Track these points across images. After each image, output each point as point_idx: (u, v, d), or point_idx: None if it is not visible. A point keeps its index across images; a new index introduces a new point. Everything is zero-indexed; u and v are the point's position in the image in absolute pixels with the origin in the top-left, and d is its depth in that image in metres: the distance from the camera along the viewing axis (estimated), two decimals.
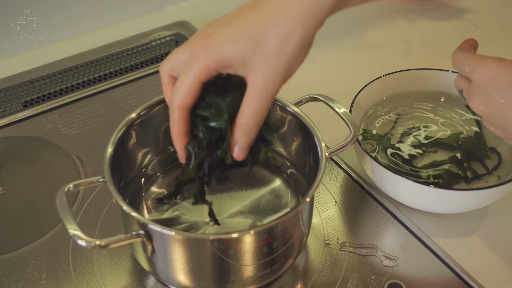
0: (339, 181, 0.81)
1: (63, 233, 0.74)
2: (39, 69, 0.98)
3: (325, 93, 0.75)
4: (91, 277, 0.70)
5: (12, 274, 0.70)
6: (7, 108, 0.91)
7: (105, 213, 0.76)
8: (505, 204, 0.78)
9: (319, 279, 0.70)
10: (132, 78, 0.96)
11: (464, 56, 0.66)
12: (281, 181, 0.75)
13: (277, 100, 0.73)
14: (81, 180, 0.68)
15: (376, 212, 0.77)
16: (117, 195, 0.62)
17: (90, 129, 0.88)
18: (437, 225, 0.76)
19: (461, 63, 0.66)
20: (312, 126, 0.70)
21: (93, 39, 1.05)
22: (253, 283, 0.66)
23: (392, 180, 0.73)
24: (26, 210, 0.77)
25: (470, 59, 0.65)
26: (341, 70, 1.01)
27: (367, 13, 1.12)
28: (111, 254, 0.72)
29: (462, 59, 0.66)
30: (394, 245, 0.73)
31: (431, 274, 0.70)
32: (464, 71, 0.66)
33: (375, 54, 1.04)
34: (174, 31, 1.05)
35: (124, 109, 0.91)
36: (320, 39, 1.08)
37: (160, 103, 0.72)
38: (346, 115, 0.72)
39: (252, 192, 0.74)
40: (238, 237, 0.61)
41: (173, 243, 0.61)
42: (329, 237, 0.74)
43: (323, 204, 0.78)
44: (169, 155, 0.76)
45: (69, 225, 0.60)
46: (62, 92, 0.94)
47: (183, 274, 0.64)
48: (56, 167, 0.82)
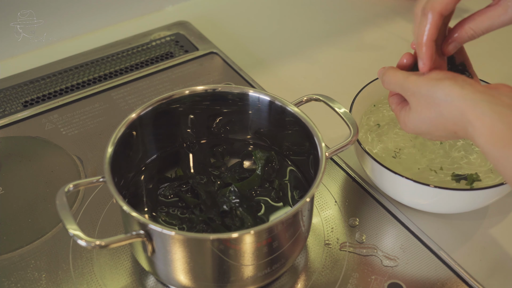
0: (339, 181, 0.81)
1: (63, 233, 0.74)
2: (39, 69, 0.98)
3: (325, 93, 0.75)
4: (91, 277, 0.70)
5: (12, 274, 0.70)
6: (7, 108, 0.91)
7: (105, 213, 0.76)
8: (505, 204, 0.79)
9: (319, 279, 0.70)
10: (132, 78, 0.96)
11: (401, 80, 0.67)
12: (281, 181, 0.75)
13: (277, 100, 0.73)
14: (81, 180, 0.68)
15: (376, 212, 0.77)
16: (117, 195, 0.62)
17: (90, 129, 0.88)
18: (437, 225, 0.76)
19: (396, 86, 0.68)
20: (312, 126, 0.70)
21: (93, 39, 1.05)
22: (253, 283, 0.66)
23: (392, 180, 0.73)
24: (26, 210, 0.77)
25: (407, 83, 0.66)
26: (341, 70, 1.01)
27: (367, 13, 1.12)
28: (111, 254, 0.72)
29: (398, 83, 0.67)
30: (394, 245, 0.73)
31: (431, 274, 0.71)
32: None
33: (375, 54, 1.04)
34: (174, 31, 1.05)
35: (124, 109, 0.91)
36: (320, 39, 1.08)
37: (160, 102, 0.73)
38: (346, 115, 0.72)
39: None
40: (238, 237, 0.61)
41: (173, 243, 0.61)
42: (329, 237, 0.74)
43: (323, 204, 0.78)
44: (169, 154, 0.77)
45: (69, 225, 0.60)
46: (62, 92, 0.94)
47: (183, 274, 0.64)
48: (56, 167, 0.82)
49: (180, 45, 1.03)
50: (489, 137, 0.58)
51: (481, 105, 0.59)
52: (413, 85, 0.65)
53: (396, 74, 0.68)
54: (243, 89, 0.75)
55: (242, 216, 0.69)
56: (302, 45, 1.06)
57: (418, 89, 0.64)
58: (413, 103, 0.66)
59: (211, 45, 1.02)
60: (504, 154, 0.57)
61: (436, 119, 0.63)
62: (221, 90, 0.75)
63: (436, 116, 0.63)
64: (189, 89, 0.74)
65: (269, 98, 0.74)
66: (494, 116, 0.58)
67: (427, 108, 0.64)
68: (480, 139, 0.59)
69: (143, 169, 0.75)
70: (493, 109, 0.58)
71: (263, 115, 0.76)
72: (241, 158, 0.78)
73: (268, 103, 0.74)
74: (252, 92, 0.75)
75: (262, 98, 0.74)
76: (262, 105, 0.75)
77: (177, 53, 1.01)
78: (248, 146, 0.78)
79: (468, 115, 0.60)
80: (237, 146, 0.79)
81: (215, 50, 1.01)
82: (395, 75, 0.68)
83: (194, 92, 0.75)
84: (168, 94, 0.74)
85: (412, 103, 0.66)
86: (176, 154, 0.77)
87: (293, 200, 0.73)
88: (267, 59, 1.03)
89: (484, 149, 0.59)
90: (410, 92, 0.65)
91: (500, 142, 0.58)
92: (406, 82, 0.66)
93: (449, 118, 0.62)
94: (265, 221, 0.70)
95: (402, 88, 0.66)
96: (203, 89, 0.75)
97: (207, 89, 0.75)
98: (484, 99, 0.59)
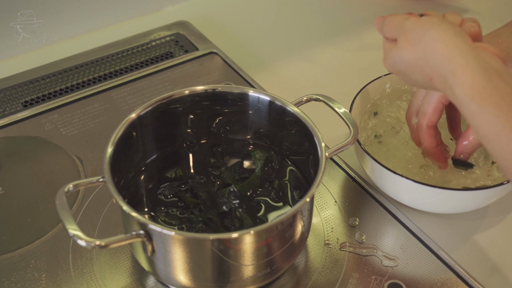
0: (339, 181, 0.81)
1: (63, 233, 0.74)
2: (39, 69, 0.98)
3: (325, 93, 0.75)
4: (91, 277, 0.70)
5: (12, 274, 0.70)
6: (7, 108, 0.91)
7: (105, 213, 0.76)
8: (505, 204, 0.79)
9: (319, 279, 0.70)
10: (132, 78, 0.96)
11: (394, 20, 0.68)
12: (281, 181, 0.75)
13: (277, 100, 0.73)
14: (81, 180, 0.68)
15: (376, 212, 0.77)
16: (117, 195, 0.62)
17: (90, 129, 0.88)
18: (437, 225, 0.76)
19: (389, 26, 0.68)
20: (312, 126, 0.70)
21: (93, 39, 1.05)
22: (253, 283, 0.66)
23: (392, 180, 0.73)
24: (26, 210, 0.77)
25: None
26: (341, 70, 1.01)
27: (367, 13, 1.12)
28: (111, 254, 0.72)
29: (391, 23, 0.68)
30: (394, 245, 0.73)
31: (431, 274, 0.71)
32: (391, 33, 0.68)
33: (375, 54, 1.03)
34: (174, 31, 1.05)
35: (124, 109, 0.91)
36: (320, 39, 1.08)
37: (160, 102, 0.73)
38: (346, 115, 0.72)
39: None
40: (238, 237, 0.61)
41: (173, 243, 0.61)
42: (329, 237, 0.74)
43: (323, 204, 0.78)
44: (169, 154, 0.77)
45: (69, 225, 0.60)
46: (62, 92, 0.94)
47: (183, 274, 0.64)
48: (56, 167, 0.82)
49: (180, 45, 1.03)
50: (468, 88, 0.59)
51: (468, 57, 0.60)
52: (411, 23, 0.65)
53: (397, 16, 0.68)
54: (243, 89, 0.75)
55: (242, 217, 0.69)
56: (302, 45, 1.06)
57: (413, 27, 0.65)
58: (401, 40, 0.66)
59: (211, 45, 1.02)
60: (481, 108, 0.58)
61: (417, 60, 0.64)
62: (221, 90, 0.75)
63: (418, 57, 0.64)
64: (189, 89, 0.74)
65: (269, 98, 0.74)
66: (477, 69, 0.59)
67: (412, 46, 0.64)
68: (458, 89, 0.59)
69: (143, 169, 0.75)
70: (478, 63, 0.59)
71: (263, 115, 0.76)
72: (241, 158, 0.78)
73: (268, 103, 0.74)
74: (252, 92, 0.75)
75: (262, 98, 0.74)
76: (262, 105, 0.75)
77: (177, 53, 1.01)
78: (248, 146, 0.78)
79: (453, 62, 0.60)
80: (237, 146, 0.79)
81: (215, 50, 1.01)
82: (396, 16, 0.68)
83: (194, 92, 0.75)
84: (168, 94, 0.74)
85: (401, 39, 0.66)
86: (176, 154, 0.77)
87: (293, 200, 0.73)
88: (267, 59, 1.03)
89: (460, 100, 0.59)
90: (403, 30, 0.65)
91: (479, 96, 0.58)
92: (405, 22, 0.66)
93: (430, 61, 0.62)
94: (264, 222, 0.70)
95: (398, 27, 0.67)
96: (203, 89, 0.75)
97: (207, 89, 0.75)
98: (472, 53, 0.60)
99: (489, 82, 0.58)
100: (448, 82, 0.61)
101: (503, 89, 0.58)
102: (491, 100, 0.58)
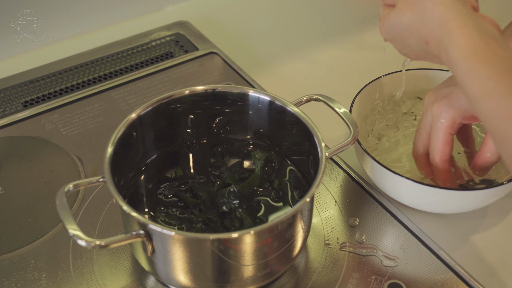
0: (339, 181, 0.81)
1: (63, 233, 0.74)
2: (39, 69, 0.98)
3: (325, 93, 0.75)
4: (91, 277, 0.70)
5: (12, 274, 0.70)
6: (7, 108, 0.91)
7: (105, 213, 0.76)
8: (505, 204, 0.79)
9: (319, 279, 0.70)
10: (132, 78, 0.96)
11: None
12: (281, 181, 0.75)
13: (277, 100, 0.73)
14: (81, 180, 0.68)
15: (376, 212, 0.77)
16: (117, 195, 0.62)
17: (90, 129, 0.88)
18: (437, 225, 0.76)
19: None
20: (312, 126, 0.70)
21: (93, 39, 1.05)
22: (253, 283, 0.66)
23: (392, 180, 0.73)
24: (26, 210, 0.77)
25: None
26: (341, 70, 1.01)
27: (367, 13, 1.12)
28: (111, 254, 0.72)
29: None
30: (394, 245, 0.73)
31: (431, 274, 0.71)
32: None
33: (375, 54, 1.04)
34: (174, 31, 1.05)
35: (124, 109, 0.91)
36: (320, 39, 1.08)
37: (160, 102, 0.73)
38: (346, 115, 0.72)
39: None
40: (238, 237, 0.61)
41: (173, 243, 0.61)
42: (329, 237, 0.74)
43: (323, 204, 0.78)
44: (169, 154, 0.77)
45: (69, 225, 0.60)
46: (62, 92, 0.94)
47: (183, 274, 0.64)
48: (56, 167, 0.82)
49: (180, 45, 1.03)
50: (464, 48, 0.59)
51: (466, 19, 0.60)
52: None
53: None
54: (243, 89, 0.75)
55: (242, 217, 0.69)
56: (302, 45, 1.06)
57: None
58: (400, 3, 0.66)
59: (211, 45, 1.02)
60: (475, 67, 0.58)
61: (414, 23, 0.64)
62: (221, 90, 0.75)
63: (415, 19, 0.64)
64: (189, 89, 0.74)
65: (269, 98, 0.74)
66: (474, 31, 0.59)
67: (411, 9, 0.64)
68: (454, 49, 0.60)
69: (143, 169, 0.75)
70: (475, 26, 0.60)
71: (263, 115, 0.76)
72: (241, 158, 0.78)
73: (268, 103, 0.74)
74: (252, 92, 0.75)
75: (262, 98, 0.74)
76: (262, 105, 0.75)
77: (177, 53, 1.01)
78: (248, 146, 0.78)
79: (451, 23, 0.60)
80: (237, 146, 0.79)
81: (215, 50, 1.01)
82: None
83: (194, 92, 0.75)
84: (168, 94, 0.74)
85: (400, 2, 0.66)
86: (176, 154, 0.77)
87: (293, 200, 0.73)
88: (267, 59, 1.03)
89: (455, 60, 0.60)
90: None
91: (474, 56, 0.58)
92: None
93: (427, 24, 0.62)
94: (264, 222, 0.70)
95: None
96: (203, 89, 0.75)
97: (207, 89, 0.75)
98: (471, 16, 0.60)
99: (486, 44, 0.58)
100: (444, 43, 0.61)
101: (498, 53, 0.58)
102: (485, 61, 0.58)
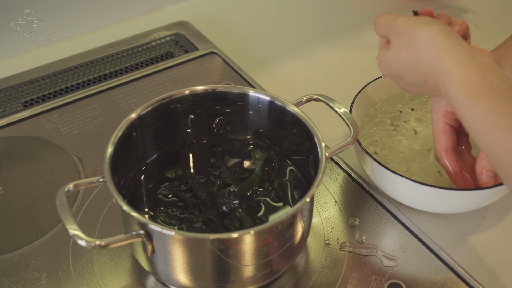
0: (339, 181, 0.81)
1: (63, 233, 0.74)
2: (39, 69, 0.98)
3: (325, 93, 0.75)
4: (91, 277, 0.70)
5: (12, 274, 0.70)
6: (7, 108, 0.91)
7: (105, 213, 0.76)
8: (505, 204, 0.79)
9: (319, 279, 0.70)
10: (132, 78, 0.96)
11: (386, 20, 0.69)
12: (281, 181, 0.75)
13: (277, 100, 0.73)
14: (81, 180, 0.68)
15: (376, 212, 0.77)
16: (117, 195, 0.62)
17: (90, 129, 0.88)
18: (437, 225, 0.76)
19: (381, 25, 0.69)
20: (312, 126, 0.70)
21: (93, 39, 1.05)
22: (253, 283, 0.66)
23: (392, 180, 0.73)
24: (26, 210, 0.77)
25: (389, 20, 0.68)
26: (341, 70, 1.01)
27: (367, 13, 1.12)
28: (111, 254, 0.72)
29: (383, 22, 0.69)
30: (394, 245, 0.73)
31: (431, 274, 0.71)
32: (383, 32, 0.69)
33: (375, 54, 1.03)
34: (174, 31, 1.05)
35: (124, 109, 0.91)
36: (320, 39, 1.08)
37: (160, 102, 0.73)
38: (346, 115, 0.72)
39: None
40: (238, 237, 0.61)
41: (173, 243, 0.61)
42: (329, 237, 0.74)
43: (323, 204, 0.78)
44: (169, 154, 0.77)
45: (69, 225, 0.60)
46: (62, 92, 0.94)
47: (183, 274, 0.64)
48: (56, 167, 0.82)
49: (180, 45, 1.03)
50: (462, 85, 0.59)
51: (461, 56, 0.61)
52: (401, 24, 0.66)
53: (388, 15, 0.69)
54: (243, 89, 0.75)
55: (242, 217, 0.69)
56: (302, 45, 1.06)
57: (404, 28, 0.65)
58: (394, 42, 0.67)
59: (211, 45, 1.02)
60: (475, 103, 0.58)
61: (411, 62, 0.65)
62: (221, 90, 0.75)
63: (412, 59, 0.64)
64: (189, 89, 0.74)
65: (269, 98, 0.74)
66: (471, 67, 0.59)
67: (406, 49, 0.65)
68: (453, 87, 0.60)
69: (143, 169, 0.75)
70: (471, 62, 0.60)
71: (263, 115, 0.76)
72: (241, 158, 0.78)
73: (268, 103, 0.74)
74: (252, 92, 0.75)
75: (262, 98, 0.74)
76: (262, 105, 0.75)
77: (177, 53, 1.01)
78: (248, 146, 0.78)
79: (446, 62, 0.61)
80: (237, 146, 0.79)
81: (215, 50, 1.01)
82: (387, 15, 0.69)
83: (194, 92, 0.75)
84: (168, 94, 0.74)
85: (393, 42, 0.67)
86: (176, 154, 0.77)
87: (293, 200, 0.73)
88: (267, 59, 1.03)
89: (454, 97, 0.60)
90: (395, 31, 0.66)
91: (473, 92, 0.59)
92: (395, 21, 0.67)
93: (424, 63, 0.63)
94: (264, 222, 0.70)
95: (389, 27, 0.67)
96: (203, 89, 0.75)
97: (207, 89, 0.75)
98: (465, 52, 0.61)
99: (484, 79, 0.59)
100: (441, 81, 0.61)
101: (497, 86, 0.58)
102: (485, 95, 0.58)
